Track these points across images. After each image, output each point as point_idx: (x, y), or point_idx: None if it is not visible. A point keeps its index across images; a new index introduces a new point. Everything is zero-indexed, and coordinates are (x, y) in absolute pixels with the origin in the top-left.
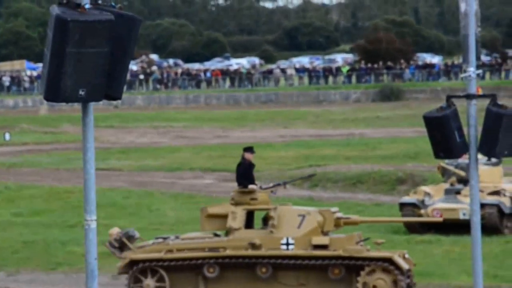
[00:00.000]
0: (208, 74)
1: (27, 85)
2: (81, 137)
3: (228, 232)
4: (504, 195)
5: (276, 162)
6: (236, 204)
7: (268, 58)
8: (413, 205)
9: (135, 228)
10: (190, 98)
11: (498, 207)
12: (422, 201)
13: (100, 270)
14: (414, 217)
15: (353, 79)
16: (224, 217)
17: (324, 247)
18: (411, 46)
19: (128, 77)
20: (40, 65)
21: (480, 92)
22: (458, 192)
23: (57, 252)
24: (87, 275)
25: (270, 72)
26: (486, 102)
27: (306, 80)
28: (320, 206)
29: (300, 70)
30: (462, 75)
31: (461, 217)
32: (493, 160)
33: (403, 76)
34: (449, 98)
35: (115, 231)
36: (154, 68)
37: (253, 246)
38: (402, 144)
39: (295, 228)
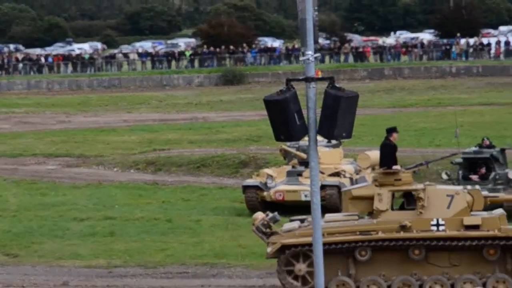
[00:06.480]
0: (50, 59)
1: None
2: None
3: (373, 213)
4: (344, 176)
5: (119, 147)
6: (381, 185)
7: (110, 43)
8: (256, 187)
9: None
10: (32, 83)
11: (338, 188)
12: (265, 184)
13: None
14: None
15: (196, 63)
16: (368, 199)
17: (476, 227)
18: (253, 30)
19: None
20: None
21: (320, 75)
22: (299, 174)
23: None
24: None
25: (113, 57)
26: (325, 85)
27: (149, 64)
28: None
29: (142, 55)
30: (301, 58)
31: (303, 198)
32: (333, 142)
33: (245, 60)
34: (288, 81)
35: (260, 216)
36: None
37: (404, 228)
38: (245, 127)
39: (444, 208)
